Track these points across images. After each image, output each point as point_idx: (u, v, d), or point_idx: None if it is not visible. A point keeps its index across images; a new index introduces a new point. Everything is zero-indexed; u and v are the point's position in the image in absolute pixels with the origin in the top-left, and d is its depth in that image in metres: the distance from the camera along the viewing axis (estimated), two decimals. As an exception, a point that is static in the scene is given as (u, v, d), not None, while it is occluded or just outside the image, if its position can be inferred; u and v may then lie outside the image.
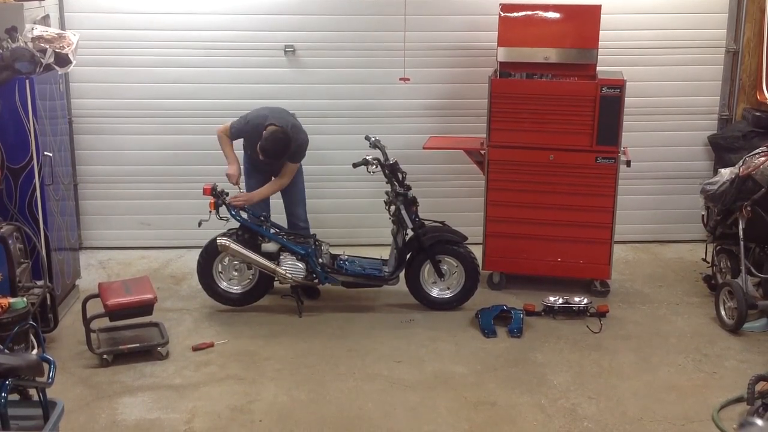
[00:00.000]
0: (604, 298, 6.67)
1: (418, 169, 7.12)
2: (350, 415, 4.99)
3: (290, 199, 6.59)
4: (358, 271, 6.42)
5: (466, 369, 5.55)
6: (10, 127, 5.77)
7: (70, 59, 5.97)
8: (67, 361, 5.57)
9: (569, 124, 6.44)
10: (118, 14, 7.31)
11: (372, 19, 7.43)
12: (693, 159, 7.82)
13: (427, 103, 7.60)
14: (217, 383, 5.35)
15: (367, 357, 5.71)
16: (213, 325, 6.19)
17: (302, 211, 6.61)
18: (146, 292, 5.70)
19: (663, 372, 5.52)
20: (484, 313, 6.16)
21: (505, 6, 6.58)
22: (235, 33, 7.40)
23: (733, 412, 4.94)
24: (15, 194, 5.88)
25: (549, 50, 6.51)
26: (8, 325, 4.73)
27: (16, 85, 5.70)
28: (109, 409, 5.03)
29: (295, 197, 6.57)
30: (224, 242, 6.16)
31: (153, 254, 7.59)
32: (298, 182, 6.55)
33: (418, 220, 6.29)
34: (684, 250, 7.74)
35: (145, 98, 7.46)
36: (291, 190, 6.56)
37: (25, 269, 5.55)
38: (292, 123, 6.29)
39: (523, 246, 6.72)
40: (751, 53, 7.56)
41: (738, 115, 7.66)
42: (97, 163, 7.59)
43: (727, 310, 6.13)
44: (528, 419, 4.95)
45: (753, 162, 6.14)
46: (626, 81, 6.39)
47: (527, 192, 6.60)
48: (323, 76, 7.50)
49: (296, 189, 6.56)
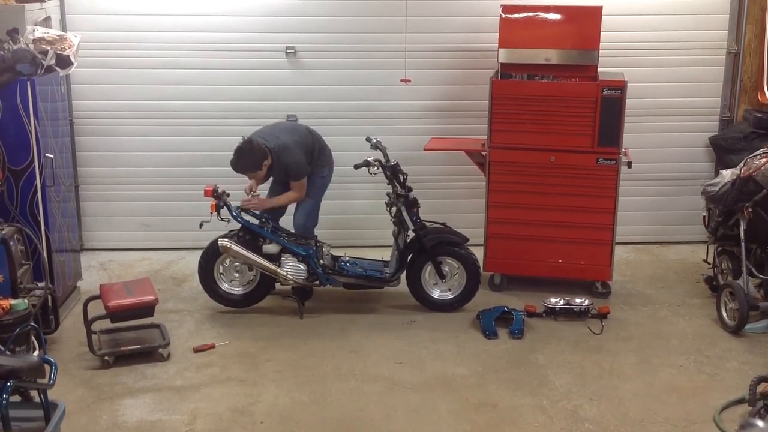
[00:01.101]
0: (605, 299, 6.66)
1: (420, 171, 7.13)
2: (351, 417, 4.98)
3: (297, 206, 6.59)
4: (360, 273, 6.41)
5: (468, 370, 5.55)
6: (12, 129, 5.77)
7: (72, 61, 5.97)
8: (68, 362, 5.57)
9: (570, 125, 6.44)
10: (120, 16, 7.31)
11: (373, 21, 7.43)
12: (694, 160, 7.82)
13: (428, 105, 7.60)
14: (219, 385, 5.35)
15: (368, 358, 5.71)
16: (214, 327, 6.19)
17: (302, 221, 6.54)
18: (147, 294, 5.70)
19: (664, 373, 5.52)
20: (486, 315, 6.16)
21: (506, 7, 6.59)
22: (236, 34, 7.40)
23: (734, 414, 4.94)
24: (16, 196, 5.88)
25: (550, 51, 6.52)
26: (9, 326, 4.73)
27: (18, 86, 5.70)
28: (111, 411, 5.03)
29: (300, 206, 6.54)
30: (225, 244, 6.17)
31: (154, 256, 7.59)
32: (310, 194, 6.52)
33: (419, 221, 6.29)
34: (685, 252, 7.73)
35: (146, 100, 7.46)
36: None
37: (26, 271, 5.55)
38: (283, 143, 6.27)
39: (524, 247, 6.72)
40: (753, 54, 7.56)
41: (739, 116, 7.66)
42: (99, 164, 7.60)
43: (729, 312, 6.13)
44: (529, 421, 4.95)
45: (754, 163, 6.13)
46: (627, 82, 6.39)
47: (528, 193, 6.60)
48: (324, 78, 7.51)
49: (305, 199, 6.52)
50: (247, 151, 6.17)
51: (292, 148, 6.29)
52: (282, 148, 6.26)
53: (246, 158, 6.19)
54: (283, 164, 6.26)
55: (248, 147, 6.18)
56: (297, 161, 6.30)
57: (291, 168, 6.30)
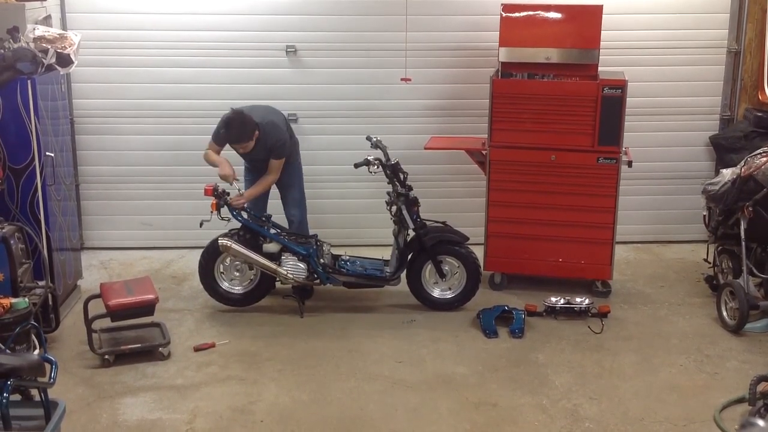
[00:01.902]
0: (605, 298, 6.66)
1: (420, 170, 7.12)
2: (351, 416, 4.99)
3: (285, 201, 6.64)
4: (360, 272, 6.42)
5: (468, 369, 5.55)
6: (12, 128, 5.77)
7: (72, 59, 5.97)
8: (68, 361, 5.57)
9: (571, 124, 6.44)
10: (120, 14, 7.31)
11: (373, 20, 7.43)
12: (694, 159, 7.82)
13: (429, 104, 7.60)
14: (219, 384, 5.35)
15: (368, 357, 5.71)
16: (214, 326, 6.19)
17: (296, 212, 6.61)
18: (148, 293, 5.70)
19: (664, 372, 5.52)
20: (486, 314, 6.16)
21: (506, 6, 6.58)
22: (236, 33, 7.40)
23: (734, 413, 4.94)
24: (17, 194, 5.88)
25: (550, 50, 6.51)
26: (10, 325, 4.73)
27: (18, 85, 5.70)
28: (111, 410, 5.03)
29: (289, 198, 6.60)
30: (226, 243, 6.17)
31: (154, 254, 7.59)
32: (294, 183, 6.58)
33: (419, 220, 6.29)
34: (685, 251, 7.73)
35: (147, 98, 7.46)
36: (286, 192, 6.61)
37: (26, 269, 5.55)
38: (271, 120, 6.33)
39: (524, 246, 6.72)
40: (753, 53, 7.56)
41: (739, 115, 7.66)
42: (99, 163, 7.60)
43: (729, 311, 6.13)
44: (529, 420, 4.95)
45: (754, 162, 6.13)
46: (628, 81, 6.38)
47: (529, 192, 6.60)
48: (325, 77, 7.50)
49: (291, 190, 6.59)
50: (241, 121, 6.15)
51: (279, 126, 6.34)
52: (270, 125, 6.29)
53: (242, 127, 6.17)
54: (271, 140, 6.26)
55: (240, 117, 6.16)
56: (283, 139, 6.33)
57: (277, 145, 6.30)
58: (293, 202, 6.63)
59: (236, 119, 6.17)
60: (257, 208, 6.48)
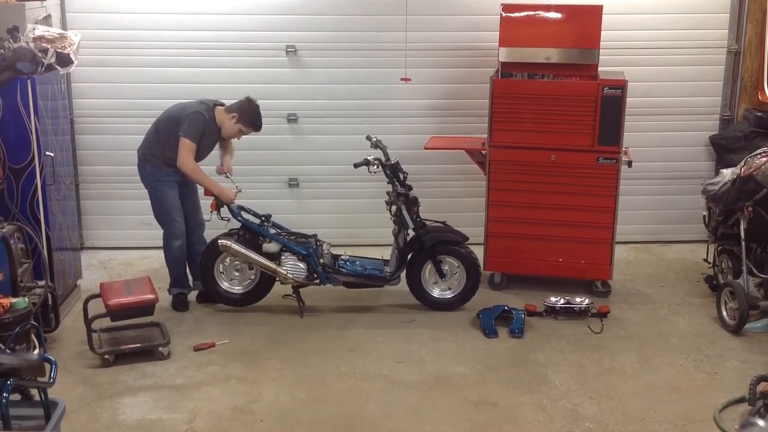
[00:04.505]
0: (605, 298, 6.66)
1: (420, 170, 7.12)
2: (351, 415, 4.99)
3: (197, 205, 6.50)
4: (359, 272, 6.42)
5: (468, 369, 5.55)
6: (12, 127, 5.77)
7: (72, 59, 5.97)
8: (68, 361, 5.57)
9: (571, 124, 6.44)
10: (120, 14, 7.32)
11: (373, 20, 7.43)
12: (694, 159, 7.82)
13: (429, 104, 7.60)
14: (219, 383, 5.36)
15: (368, 357, 5.71)
16: (214, 325, 6.19)
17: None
18: (147, 292, 5.71)
19: (664, 372, 5.52)
20: (486, 314, 6.16)
21: (506, 6, 6.59)
22: (236, 33, 7.40)
23: (734, 413, 4.94)
24: (16, 194, 5.88)
25: (550, 50, 6.51)
26: (10, 325, 4.73)
27: (18, 85, 5.70)
28: (111, 409, 5.04)
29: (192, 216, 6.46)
30: (225, 243, 6.17)
31: (154, 254, 7.56)
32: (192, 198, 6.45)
33: (419, 220, 6.29)
34: (685, 251, 7.73)
35: (146, 98, 7.44)
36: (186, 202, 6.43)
37: (26, 269, 5.55)
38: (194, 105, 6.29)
39: (524, 246, 6.72)
40: (753, 53, 7.56)
41: (739, 115, 7.66)
42: (99, 163, 7.60)
43: (729, 311, 6.13)
44: (529, 419, 4.95)
45: (754, 162, 6.13)
46: (628, 81, 6.38)
47: (528, 192, 6.60)
48: (324, 77, 7.50)
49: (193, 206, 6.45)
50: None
51: (194, 107, 6.29)
52: (188, 105, 6.29)
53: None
54: (186, 113, 6.23)
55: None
56: (197, 117, 6.23)
57: (191, 120, 6.20)
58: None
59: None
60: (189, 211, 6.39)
